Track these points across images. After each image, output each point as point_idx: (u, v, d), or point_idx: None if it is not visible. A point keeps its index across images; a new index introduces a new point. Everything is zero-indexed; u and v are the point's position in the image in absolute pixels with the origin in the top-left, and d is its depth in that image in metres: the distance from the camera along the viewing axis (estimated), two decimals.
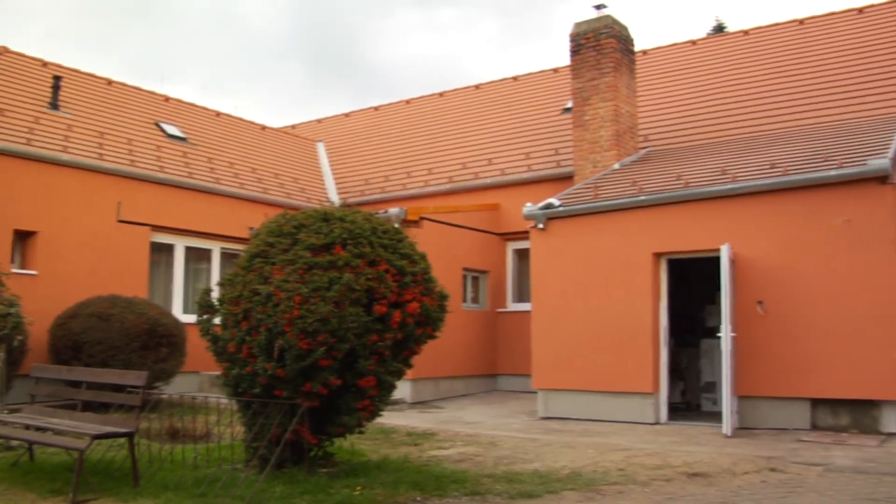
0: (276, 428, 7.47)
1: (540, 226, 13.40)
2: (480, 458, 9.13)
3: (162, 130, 19.12)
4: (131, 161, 16.59)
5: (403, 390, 14.34)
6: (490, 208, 17.91)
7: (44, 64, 18.32)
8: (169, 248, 17.08)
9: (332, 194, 21.96)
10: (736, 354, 11.16)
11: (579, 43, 16.66)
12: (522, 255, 17.24)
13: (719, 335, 11.12)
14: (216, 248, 17.94)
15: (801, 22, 19.14)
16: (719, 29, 37.49)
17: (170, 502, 6.86)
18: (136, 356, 12.71)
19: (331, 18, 74.46)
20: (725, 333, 10.91)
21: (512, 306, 17.73)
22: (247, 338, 7.44)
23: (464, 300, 16.81)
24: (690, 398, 14.46)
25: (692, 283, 14.33)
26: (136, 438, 7.77)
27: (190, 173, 17.77)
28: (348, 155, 24.14)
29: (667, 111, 18.37)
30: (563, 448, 9.84)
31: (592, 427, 11.87)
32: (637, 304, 12.29)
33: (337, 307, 7.21)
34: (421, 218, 15.38)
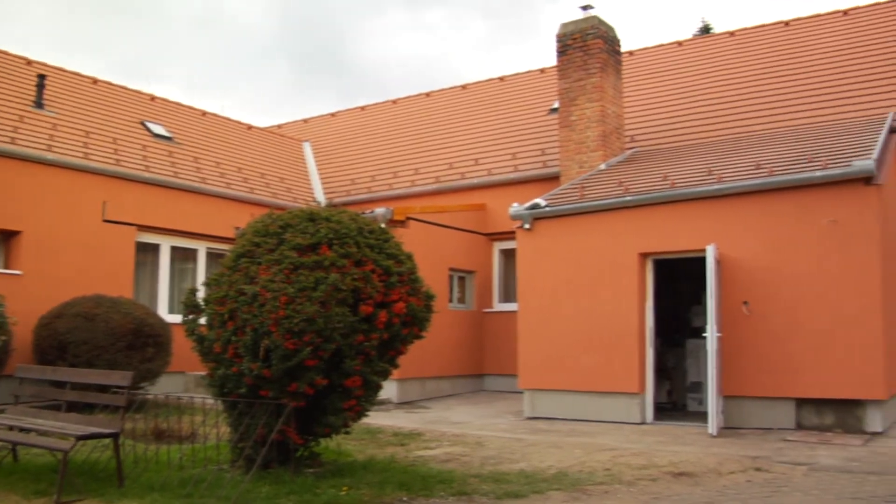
0: (262, 428, 7.45)
1: (526, 226, 13.41)
2: (467, 459, 9.13)
3: (148, 130, 19.04)
4: (117, 160, 16.52)
5: (390, 390, 14.33)
6: (476, 208, 17.91)
7: (28, 62, 18.22)
8: (155, 248, 17.01)
9: (319, 194, 21.93)
10: (722, 354, 11.19)
11: (566, 44, 16.68)
12: (509, 256, 17.25)
13: (705, 335, 11.16)
14: (202, 248, 17.89)
15: (787, 23, 19.22)
16: (706, 30, 37.63)
17: (155, 503, 6.83)
18: (122, 356, 12.65)
19: (318, 18, 74.44)
20: (711, 333, 10.94)
21: (498, 306, 17.74)
22: (232, 338, 7.42)
23: (450, 300, 16.81)
24: (676, 398, 14.50)
25: (679, 284, 14.36)
26: (122, 439, 7.74)
27: (176, 173, 17.71)
28: (335, 155, 24.10)
29: (653, 112, 18.42)
30: (550, 448, 9.85)
31: (579, 427, 11.88)
32: (623, 305, 12.31)
33: (323, 307, 7.20)
34: (407, 218, 15.37)
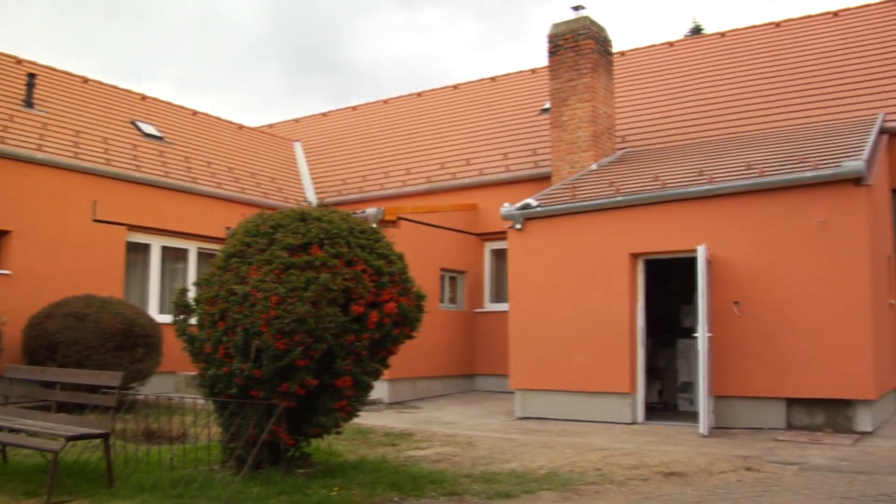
0: (253, 428, 7.44)
1: (517, 226, 13.42)
2: (458, 459, 9.13)
3: (138, 129, 18.99)
4: (107, 160, 16.47)
5: (381, 390, 14.32)
6: (468, 208, 17.91)
7: (18, 61, 18.15)
8: (145, 248, 16.96)
9: (310, 194, 21.90)
10: (712, 354, 11.22)
11: (557, 44, 16.70)
12: (500, 256, 17.26)
13: (696, 335, 11.18)
14: (193, 248, 17.84)
15: (778, 25, 19.29)
16: (696, 31, 37.77)
17: (145, 503, 6.81)
18: (112, 356, 12.60)
19: (310, 18, 74.34)
20: (702, 334, 10.97)
21: (489, 307, 17.75)
22: (223, 338, 7.41)
23: (441, 300, 16.81)
24: (667, 398, 14.53)
25: (670, 284, 14.39)
26: (112, 439, 7.71)
27: (166, 173, 17.66)
28: (326, 155, 24.08)
29: (644, 112, 18.46)
30: (541, 448, 9.86)
31: (570, 427, 11.89)
32: (614, 305, 12.33)
33: (314, 307, 7.19)
34: (398, 218, 15.36)
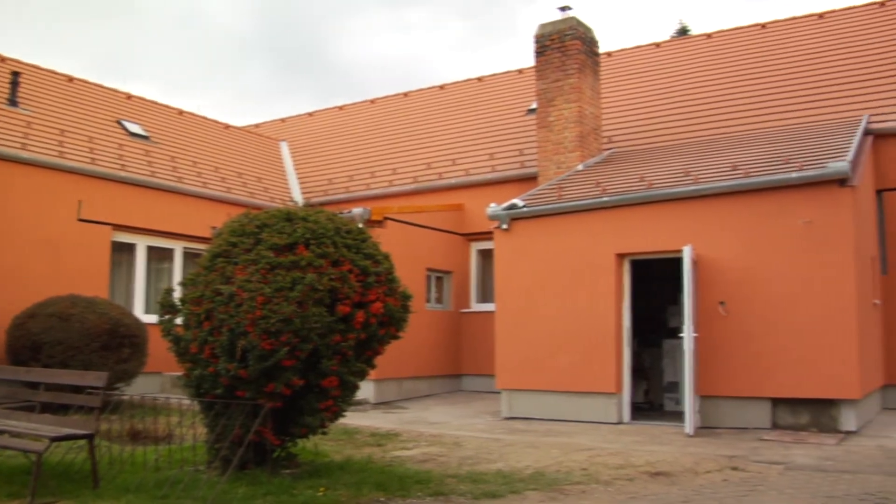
0: (239, 429, 7.42)
1: (504, 226, 13.42)
2: (444, 459, 9.12)
3: (124, 128, 18.91)
4: (92, 159, 16.39)
5: (367, 391, 14.30)
6: (454, 209, 17.91)
7: (1, 59, 18.04)
8: (130, 248, 16.89)
9: (296, 194, 21.85)
10: (698, 355, 11.26)
11: (544, 44, 16.72)
12: (486, 256, 17.26)
13: (682, 335, 11.22)
14: (178, 248, 17.78)
15: (764, 26, 19.36)
16: (683, 32, 37.90)
17: None
18: (97, 357, 12.54)
19: (297, 18, 74.17)
20: (687, 334, 11.01)
21: (476, 307, 17.75)
22: (209, 338, 7.39)
23: (427, 300, 16.80)
24: (653, 398, 14.57)
25: (655, 284, 14.42)
26: (97, 440, 7.68)
27: (152, 172, 17.59)
28: (312, 154, 24.03)
29: (631, 113, 18.50)
30: (527, 448, 9.87)
31: (556, 427, 11.91)
32: (600, 305, 12.35)
33: (300, 307, 7.18)
34: (385, 218, 15.35)
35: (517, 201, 13.55)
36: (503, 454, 9.42)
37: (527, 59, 39.99)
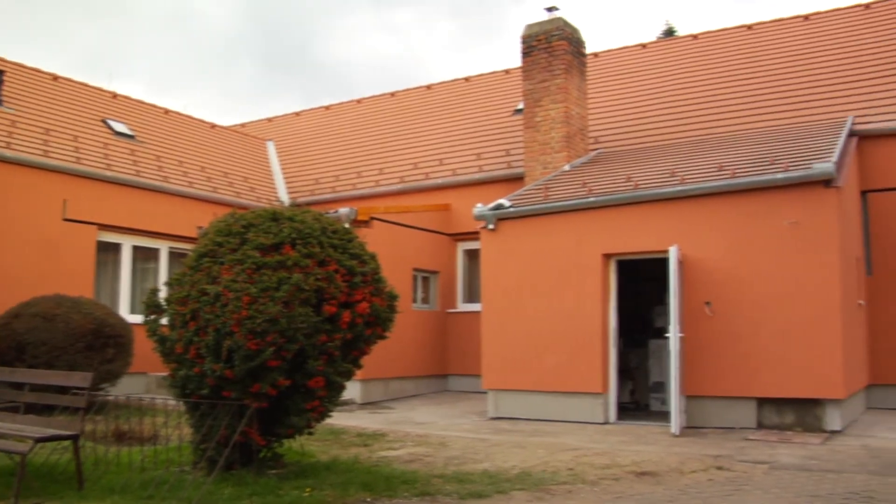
0: (225, 429, 7.39)
1: (490, 226, 13.43)
2: (430, 459, 9.12)
3: (109, 128, 18.83)
4: (77, 158, 16.31)
5: (353, 391, 14.29)
6: (441, 209, 17.91)
7: None
8: (116, 248, 16.82)
9: (282, 194, 21.80)
10: (684, 355, 11.29)
11: (531, 45, 16.73)
12: (473, 256, 17.27)
13: (667, 335, 11.24)
14: (164, 248, 17.72)
15: (750, 28, 19.42)
16: (669, 33, 38.03)
17: None
18: (82, 357, 12.46)
19: (284, 17, 74.02)
20: (673, 334, 11.03)
21: (462, 307, 17.75)
22: (195, 338, 7.36)
23: (414, 301, 16.80)
24: (639, 398, 14.59)
25: (642, 284, 14.46)
26: (81, 441, 7.64)
27: (138, 171, 17.52)
28: (299, 154, 23.99)
29: (617, 114, 18.53)
30: (513, 448, 9.87)
31: (542, 427, 11.92)
32: (587, 305, 12.36)
33: (286, 307, 7.16)
34: (371, 218, 15.33)
35: (504, 201, 13.55)
36: (489, 454, 9.42)
37: (514, 60, 40.01)
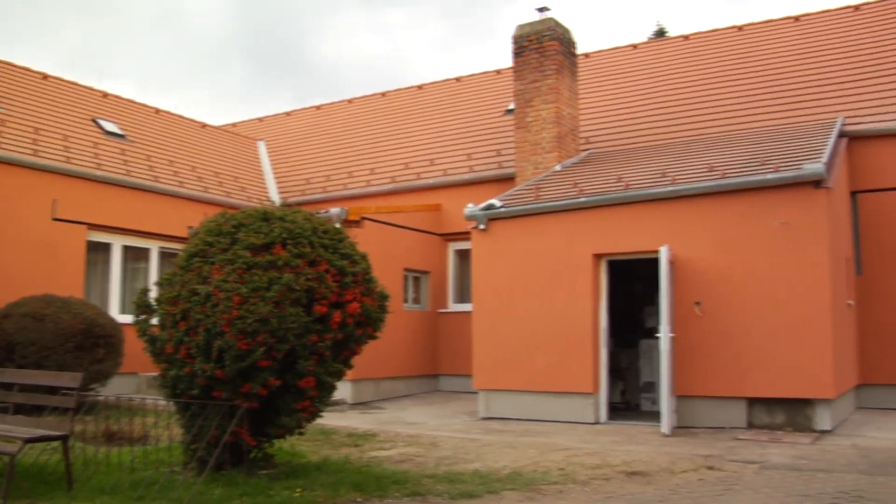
0: (215, 429, 7.38)
1: (481, 226, 13.43)
2: (421, 459, 9.12)
3: (99, 127, 18.77)
4: (67, 158, 16.25)
5: (344, 391, 14.27)
6: (432, 209, 17.90)
7: None
8: (106, 247, 16.76)
9: (273, 193, 21.77)
10: (674, 355, 11.31)
11: (522, 45, 16.74)
12: (464, 256, 17.26)
13: (658, 335, 11.26)
14: (154, 248, 17.67)
15: (740, 28, 19.47)
16: (660, 34, 38.08)
17: None
18: (72, 357, 12.41)
19: (275, 17, 73.88)
20: (664, 334, 11.05)
21: (453, 307, 17.74)
22: (185, 338, 7.34)
23: (405, 301, 16.78)
24: (630, 398, 14.61)
25: (632, 284, 14.48)
26: (71, 441, 7.61)
27: (128, 171, 17.47)
28: (290, 154, 23.95)
29: (608, 114, 18.56)
30: (505, 448, 9.88)
31: (533, 427, 11.92)
32: (577, 305, 12.37)
33: (277, 307, 7.15)
34: (362, 218, 15.32)
35: (495, 202, 13.56)
36: (480, 454, 9.42)
37: (505, 60, 40.04)
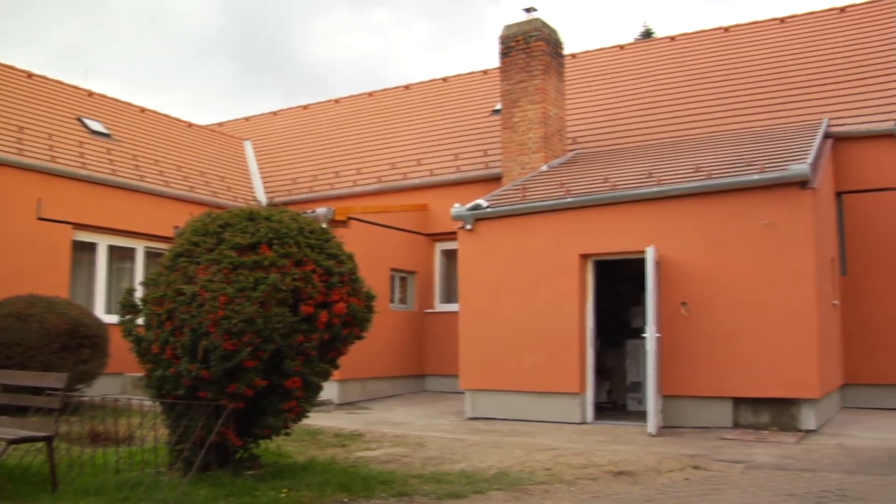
0: (201, 430, 7.35)
1: (468, 227, 13.43)
2: (408, 459, 9.11)
3: (85, 126, 18.68)
4: (52, 157, 16.16)
5: (330, 391, 14.24)
6: (418, 209, 17.89)
7: None
8: (91, 247, 16.68)
9: (259, 193, 21.71)
10: (660, 355, 11.33)
11: (509, 45, 16.75)
12: (450, 256, 17.26)
13: (644, 336, 11.28)
14: (140, 248, 17.59)
15: (727, 30, 19.53)
16: (647, 35, 38.15)
17: None
18: (57, 357, 12.34)
19: (262, 16, 73.70)
20: (650, 334, 11.07)
21: (440, 307, 17.74)
22: (171, 339, 7.32)
23: (391, 301, 16.77)
24: (616, 398, 14.64)
25: (619, 284, 14.50)
26: (56, 442, 7.58)
27: (114, 170, 17.39)
28: (276, 154, 23.89)
29: (595, 114, 18.59)
30: (491, 448, 9.88)
31: (520, 427, 11.93)
32: (564, 305, 12.38)
33: (262, 307, 7.13)
34: (349, 218, 15.30)
35: (481, 202, 13.56)
36: (467, 454, 9.42)
37: (492, 60, 40.04)
